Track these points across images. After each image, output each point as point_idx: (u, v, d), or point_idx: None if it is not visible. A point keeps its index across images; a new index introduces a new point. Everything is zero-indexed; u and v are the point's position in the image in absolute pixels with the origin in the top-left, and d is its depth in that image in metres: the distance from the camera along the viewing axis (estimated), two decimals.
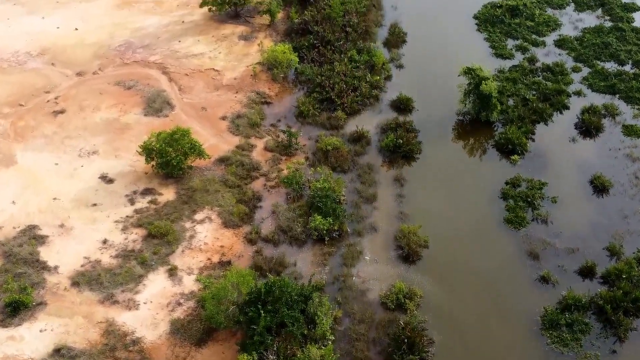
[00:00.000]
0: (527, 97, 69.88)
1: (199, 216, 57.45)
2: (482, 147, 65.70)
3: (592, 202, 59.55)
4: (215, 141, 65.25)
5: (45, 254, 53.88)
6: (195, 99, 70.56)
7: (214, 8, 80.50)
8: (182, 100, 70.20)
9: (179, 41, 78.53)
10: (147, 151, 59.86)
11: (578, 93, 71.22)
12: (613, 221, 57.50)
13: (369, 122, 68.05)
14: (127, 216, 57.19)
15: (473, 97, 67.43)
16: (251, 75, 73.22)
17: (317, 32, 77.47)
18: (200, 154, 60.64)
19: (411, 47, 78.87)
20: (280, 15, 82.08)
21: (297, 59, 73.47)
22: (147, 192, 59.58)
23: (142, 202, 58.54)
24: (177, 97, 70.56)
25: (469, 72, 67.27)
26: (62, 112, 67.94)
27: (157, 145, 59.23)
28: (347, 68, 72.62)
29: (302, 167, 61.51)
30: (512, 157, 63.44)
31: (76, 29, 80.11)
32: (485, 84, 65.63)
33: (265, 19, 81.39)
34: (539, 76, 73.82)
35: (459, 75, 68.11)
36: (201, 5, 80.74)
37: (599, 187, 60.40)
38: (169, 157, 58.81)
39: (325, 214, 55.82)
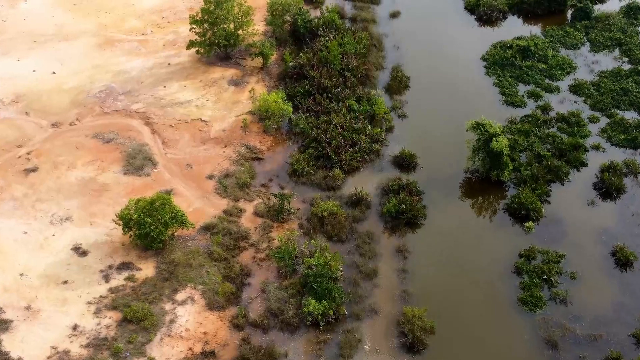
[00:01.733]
0: (541, 153, 65.46)
1: (180, 296, 52.91)
2: (493, 212, 61.27)
3: (614, 278, 55.08)
4: (201, 204, 60.83)
5: (8, 342, 49.30)
6: (180, 154, 66.16)
7: (201, 50, 76.10)
8: (166, 156, 65.80)
9: (164, 87, 74.16)
10: (125, 221, 55.38)
11: (596, 147, 66.86)
12: (639, 301, 52.95)
13: (369, 181, 63.66)
14: (100, 296, 52.65)
15: (482, 154, 63.03)
16: (241, 126, 68.83)
17: (313, 77, 73.08)
18: (183, 223, 56.17)
19: (414, 94, 74.49)
20: (273, 57, 77.69)
21: (291, 109, 69.10)
22: (123, 266, 55.06)
23: (118, 279, 54.01)
24: (160, 152, 66.16)
25: (477, 127, 62.91)
26: (34, 170, 63.50)
27: (135, 216, 54.75)
28: (346, 119, 68.25)
29: (295, 236, 56.81)
30: (526, 225, 58.98)
31: (53, 73, 75.79)
32: (496, 141, 61.25)
33: (258, 61, 77.03)
34: (553, 127, 69.45)
35: (466, 130, 63.72)
36: (188, 47, 76.39)
37: (622, 260, 55.96)
38: (148, 229, 54.32)
39: (320, 296, 51.30)
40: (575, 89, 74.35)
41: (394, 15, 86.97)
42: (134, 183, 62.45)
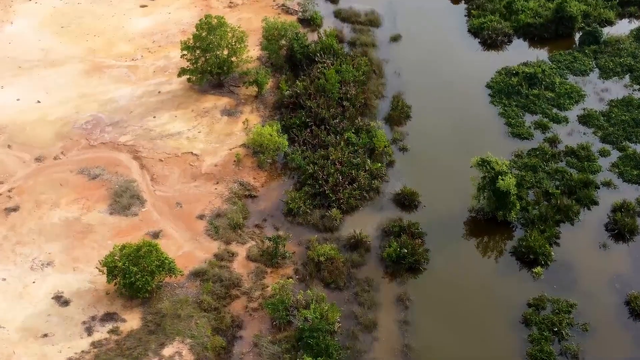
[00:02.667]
0: (550, 191, 62.90)
1: (167, 351, 50.24)
2: (500, 255, 58.64)
3: (629, 330, 52.55)
4: (191, 247, 58.26)
5: None
6: (169, 191, 63.58)
7: (193, 78, 73.52)
8: (155, 194, 63.21)
9: (154, 117, 71.59)
10: (109, 269, 52.75)
11: (607, 184, 64.28)
12: None
13: (368, 221, 61.09)
14: (82, 351, 49.99)
15: (488, 192, 60.48)
16: (234, 161, 66.27)
17: (310, 107, 70.52)
18: (171, 271, 53.57)
19: (416, 125, 71.85)
20: (269, 84, 75.07)
21: (287, 143, 66.53)
22: (107, 317, 52.42)
23: (102, 332, 51.36)
24: (148, 189, 63.60)
25: (483, 164, 60.35)
26: (15, 209, 60.92)
27: (120, 264, 52.13)
28: (344, 154, 65.68)
29: (290, 285, 53.92)
30: (535, 270, 56.40)
31: (38, 102, 73.20)
32: (502, 180, 58.68)
33: (252, 89, 74.42)
34: (561, 161, 66.91)
35: (471, 167, 61.18)
36: (179, 75, 73.82)
37: (637, 310, 53.37)
38: (134, 278, 51.68)
39: (316, 352, 48.66)
40: (585, 119, 71.80)
41: (395, 38, 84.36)
42: (121, 224, 59.86)
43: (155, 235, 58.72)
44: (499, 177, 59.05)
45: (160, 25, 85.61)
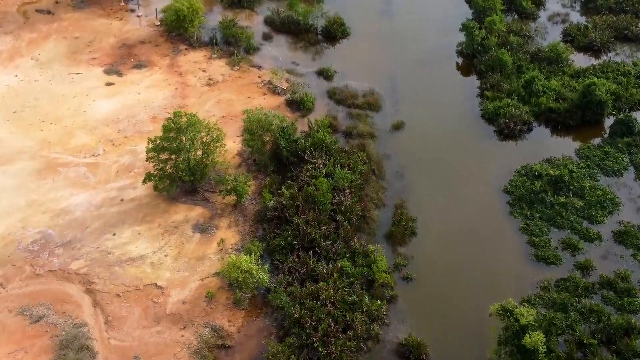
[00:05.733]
0: (584, 341, 53.97)
1: None
2: None
3: None
4: None
5: None
6: (126, 339, 54.67)
7: (160, 186, 64.61)
8: (109, 343, 54.29)
9: (113, 234, 62.72)
10: None
11: None
12: None
13: None
14: None
15: (511, 347, 51.51)
16: (206, 296, 57.32)
17: (298, 224, 61.57)
18: None
19: (422, 244, 62.99)
20: (250, 188, 66.12)
21: (267, 277, 57.50)
22: None
23: None
24: (101, 336, 54.67)
25: (504, 314, 51.48)
26: None
27: None
28: (337, 290, 56.67)
29: None
30: None
31: None
32: (529, 336, 49.78)
33: (230, 198, 65.52)
34: (596, 294, 58.12)
35: (490, 315, 52.31)
36: (144, 182, 64.94)
37: None
38: None
39: None
40: (621, 237, 63.04)
41: (397, 127, 75.51)
42: None
43: None
44: (525, 331, 50.15)
45: (127, 108, 76.89)
